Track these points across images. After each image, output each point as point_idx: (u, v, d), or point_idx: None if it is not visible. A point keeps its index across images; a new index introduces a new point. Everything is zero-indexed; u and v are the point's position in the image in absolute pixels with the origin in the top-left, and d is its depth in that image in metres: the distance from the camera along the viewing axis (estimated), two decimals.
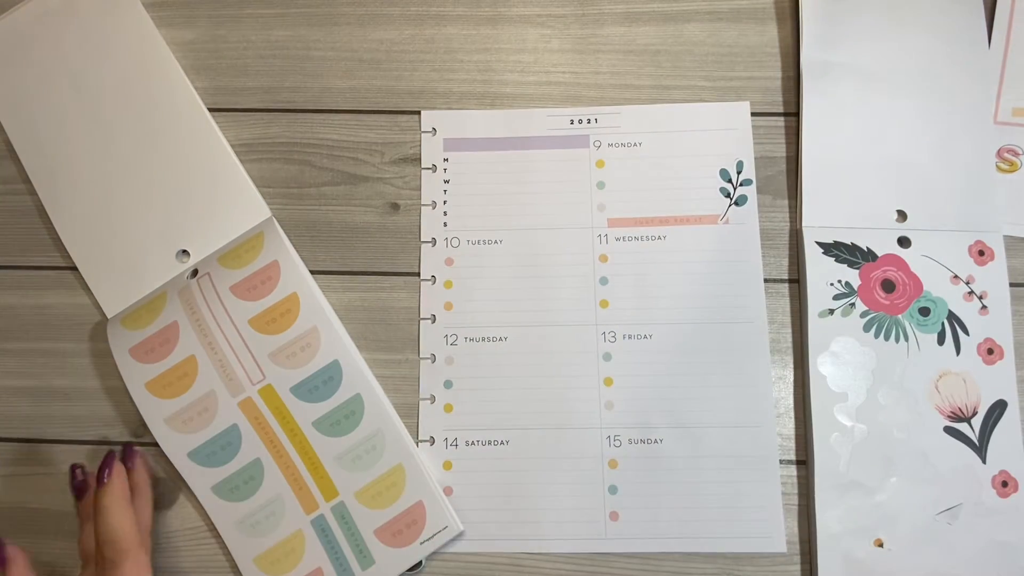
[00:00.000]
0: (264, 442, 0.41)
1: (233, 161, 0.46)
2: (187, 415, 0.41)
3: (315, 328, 0.42)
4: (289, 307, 0.42)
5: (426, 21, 0.48)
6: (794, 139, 0.46)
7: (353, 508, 0.41)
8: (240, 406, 0.41)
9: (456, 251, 0.45)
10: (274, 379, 0.41)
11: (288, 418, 0.41)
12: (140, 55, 0.46)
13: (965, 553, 0.40)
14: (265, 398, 0.41)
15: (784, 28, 0.48)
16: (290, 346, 0.42)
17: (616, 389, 0.43)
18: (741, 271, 0.44)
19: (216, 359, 0.41)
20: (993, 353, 0.42)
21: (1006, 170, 0.45)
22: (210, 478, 0.41)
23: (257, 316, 0.42)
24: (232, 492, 0.41)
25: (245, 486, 0.41)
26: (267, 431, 0.41)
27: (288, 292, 0.42)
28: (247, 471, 0.41)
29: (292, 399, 0.41)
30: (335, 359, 0.42)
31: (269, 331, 0.42)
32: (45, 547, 0.42)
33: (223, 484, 0.41)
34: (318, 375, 0.41)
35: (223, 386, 0.41)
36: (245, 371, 0.41)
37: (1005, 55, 0.46)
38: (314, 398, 0.41)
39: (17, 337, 0.44)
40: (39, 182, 0.45)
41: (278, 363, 0.41)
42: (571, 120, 0.46)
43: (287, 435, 0.41)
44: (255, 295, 0.42)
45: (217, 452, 0.41)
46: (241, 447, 0.41)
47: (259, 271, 0.42)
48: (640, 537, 0.41)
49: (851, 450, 0.41)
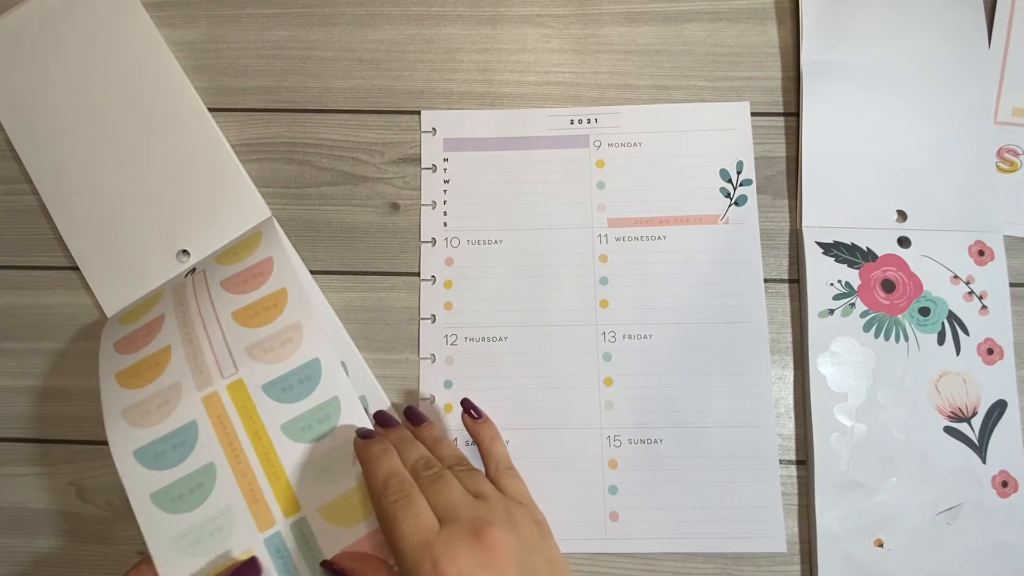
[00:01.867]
0: (222, 444, 0.36)
1: (233, 161, 0.46)
2: (146, 407, 0.36)
3: (298, 324, 0.38)
4: (276, 302, 0.38)
5: (426, 21, 0.48)
6: (794, 139, 0.46)
7: (316, 525, 0.36)
8: (203, 401, 0.36)
9: (456, 251, 0.45)
10: (247, 374, 0.37)
11: (255, 418, 0.36)
12: (140, 55, 0.46)
13: (965, 553, 0.40)
14: (233, 394, 0.36)
15: (784, 28, 0.48)
16: (269, 340, 0.37)
17: (616, 389, 0.43)
18: (741, 271, 0.44)
19: (191, 350, 0.37)
20: (993, 353, 0.42)
21: (1006, 170, 0.45)
22: (152, 483, 0.35)
23: (241, 309, 0.38)
24: (174, 502, 0.35)
25: (191, 495, 0.35)
26: (228, 432, 0.36)
27: (277, 287, 0.39)
28: (196, 477, 0.35)
29: (262, 397, 0.37)
30: (315, 357, 0.37)
31: (251, 324, 0.38)
32: (45, 547, 0.42)
33: (165, 492, 0.35)
34: (294, 373, 0.37)
35: (190, 378, 0.36)
36: (217, 363, 0.37)
37: (1005, 55, 0.46)
38: (287, 398, 0.37)
39: (17, 337, 0.45)
40: (40, 182, 0.45)
41: (254, 357, 0.37)
42: (571, 120, 0.46)
43: (250, 438, 0.36)
44: (243, 289, 0.39)
45: (167, 452, 0.35)
46: (195, 448, 0.35)
47: (252, 266, 0.40)
48: (640, 537, 0.41)
49: (851, 450, 0.41)
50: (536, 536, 0.34)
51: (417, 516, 0.33)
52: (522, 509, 0.35)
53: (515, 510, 0.35)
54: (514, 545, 0.33)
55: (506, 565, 0.32)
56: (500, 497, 0.35)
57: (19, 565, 0.42)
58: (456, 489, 0.34)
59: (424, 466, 0.36)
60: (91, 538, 0.42)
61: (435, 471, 0.35)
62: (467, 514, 0.33)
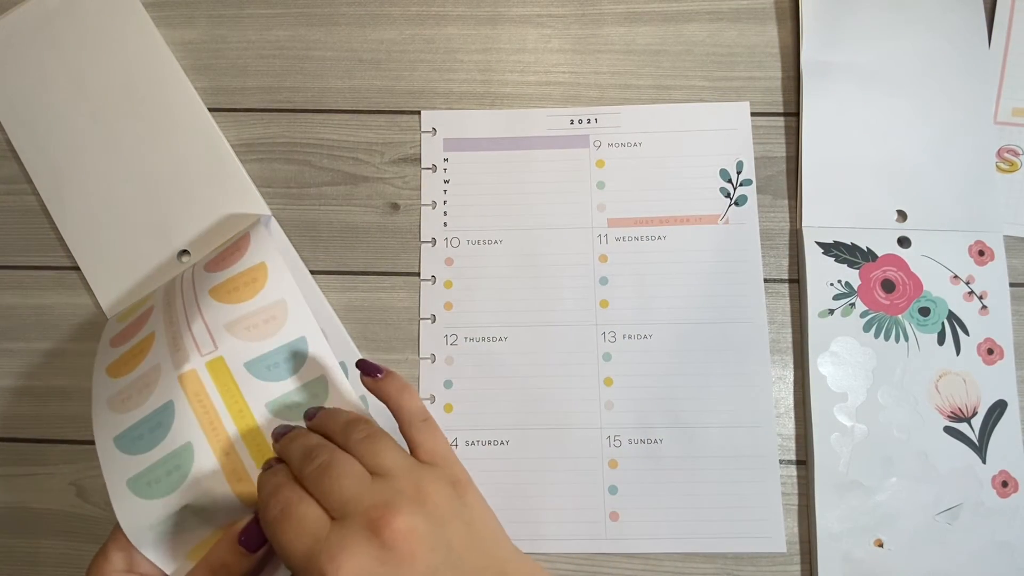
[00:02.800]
0: (201, 424, 0.33)
1: (233, 161, 0.46)
2: (127, 392, 0.34)
3: (282, 301, 0.36)
4: (255, 276, 0.37)
5: (426, 21, 0.48)
6: (794, 139, 0.46)
7: None
8: (180, 379, 0.34)
9: (456, 251, 0.45)
10: (227, 351, 0.35)
11: (237, 397, 0.34)
12: (140, 55, 0.46)
13: (965, 553, 0.40)
14: (212, 372, 0.34)
15: (784, 28, 0.48)
16: (251, 317, 0.36)
17: (616, 389, 0.43)
18: (741, 271, 0.44)
19: (171, 331, 0.36)
20: (993, 353, 0.42)
21: (1006, 170, 0.45)
22: (128, 468, 0.33)
23: (219, 284, 0.37)
24: (149, 486, 0.32)
25: (168, 478, 0.32)
26: (208, 411, 0.34)
27: (256, 262, 0.37)
28: (173, 459, 0.33)
29: (245, 375, 0.35)
30: (301, 336, 0.36)
31: (229, 300, 0.36)
32: (45, 547, 0.42)
33: (140, 476, 0.33)
34: (279, 351, 0.35)
35: (168, 358, 0.35)
36: (195, 340, 0.35)
37: (1005, 55, 0.46)
38: (272, 376, 0.35)
39: (17, 337, 0.45)
40: (40, 182, 0.45)
41: (234, 334, 0.35)
42: (571, 120, 0.46)
43: (233, 416, 0.34)
44: (221, 266, 0.38)
45: (144, 435, 0.33)
46: (172, 429, 0.33)
47: (231, 245, 0.39)
48: (640, 537, 0.41)
49: (851, 450, 0.41)
50: (450, 502, 0.30)
51: (300, 521, 0.28)
52: (433, 473, 0.31)
53: (424, 477, 0.30)
54: (422, 528, 0.28)
55: (413, 555, 0.27)
56: (407, 467, 0.31)
57: (19, 565, 0.42)
58: (350, 476, 0.29)
59: (306, 457, 0.30)
60: (91, 538, 0.42)
61: (320, 461, 0.30)
62: (363, 505, 0.28)
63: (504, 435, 0.43)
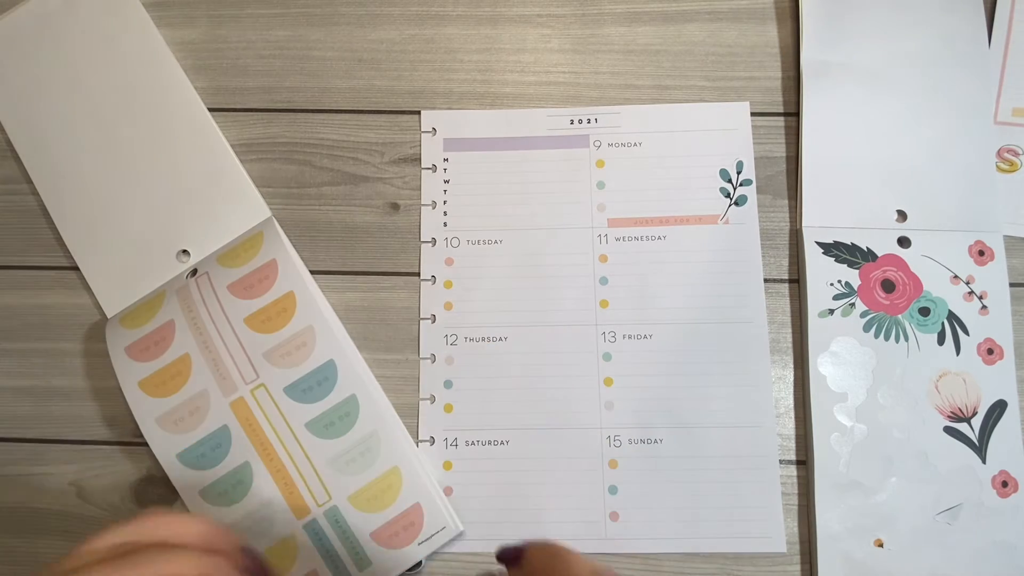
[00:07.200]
0: (254, 445, 0.40)
1: (233, 161, 0.46)
2: (178, 415, 0.40)
3: (311, 327, 0.41)
4: (285, 306, 0.41)
5: (426, 21, 0.48)
6: (794, 139, 0.46)
7: (347, 512, 0.40)
8: (232, 406, 0.40)
9: (456, 251, 0.45)
10: (268, 379, 0.41)
11: (281, 420, 0.40)
12: (140, 55, 0.46)
13: (965, 553, 0.40)
14: (258, 399, 0.41)
15: (784, 28, 0.48)
16: (285, 345, 0.41)
17: (616, 389, 0.43)
18: (741, 271, 0.44)
19: (210, 357, 0.41)
20: (993, 353, 0.42)
21: (1006, 170, 0.45)
22: (199, 481, 0.40)
23: (253, 315, 0.41)
24: (220, 496, 0.40)
25: (234, 490, 0.40)
26: (258, 433, 0.40)
27: (285, 291, 0.42)
28: (236, 475, 0.40)
29: (285, 400, 0.41)
30: (330, 359, 0.41)
31: (264, 330, 0.41)
32: (45, 547, 0.42)
33: (211, 488, 0.40)
34: (312, 375, 0.41)
35: (215, 385, 0.41)
36: (239, 370, 0.41)
37: (1005, 55, 0.46)
38: (308, 399, 0.41)
39: (17, 337, 0.45)
40: (40, 182, 0.45)
41: (272, 362, 0.41)
42: (571, 120, 0.46)
43: (278, 438, 0.40)
44: (251, 293, 0.42)
45: (207, 454, 0.40)
46: (231, 449, 0.40)
47: (257, 270, 0.42)
48: (640, 537, 0.41)
49: (851, 450, 0.41)
50: None
51: None
52: None
53: None
54: None
55: None
56: None
57: (19, 565, 0.42)
58: None
59: None
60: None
61: None
62: None
63: (504, 435, 0.43)
